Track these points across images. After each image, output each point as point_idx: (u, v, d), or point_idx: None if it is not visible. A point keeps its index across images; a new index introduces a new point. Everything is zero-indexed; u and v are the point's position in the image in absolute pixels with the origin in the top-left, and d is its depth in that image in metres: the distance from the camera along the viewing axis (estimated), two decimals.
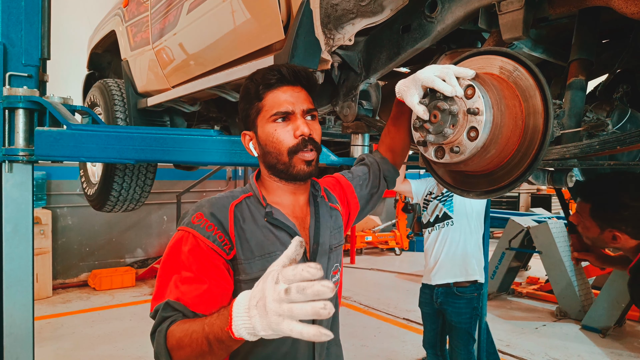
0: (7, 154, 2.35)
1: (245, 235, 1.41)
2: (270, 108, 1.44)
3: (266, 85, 1.44)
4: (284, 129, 1.44)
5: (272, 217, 1.46)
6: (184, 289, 1.29)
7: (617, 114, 1.84)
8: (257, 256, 1.41)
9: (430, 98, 1.35)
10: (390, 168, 1.88)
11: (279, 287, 0.96)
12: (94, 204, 4.19)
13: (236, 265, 1.40)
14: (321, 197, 1.64)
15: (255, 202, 1.49)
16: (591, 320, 6.09)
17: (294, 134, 1.44)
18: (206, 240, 1.35)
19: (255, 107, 1.47)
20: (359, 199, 1.83)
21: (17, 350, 2.39)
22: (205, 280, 1.31)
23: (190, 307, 1.27)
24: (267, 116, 1.44)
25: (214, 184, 9.80)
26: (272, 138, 1.45)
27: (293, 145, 1.44)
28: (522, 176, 1.34)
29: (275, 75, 1.44)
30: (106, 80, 4.02)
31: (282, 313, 0.95)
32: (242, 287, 1.38)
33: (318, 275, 0.94)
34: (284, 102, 1.44)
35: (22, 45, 2.48)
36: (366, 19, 1.86)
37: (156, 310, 1.29)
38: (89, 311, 6.83)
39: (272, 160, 1.47)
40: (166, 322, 1.24)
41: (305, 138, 1.44)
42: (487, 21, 1.54)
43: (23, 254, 2.40)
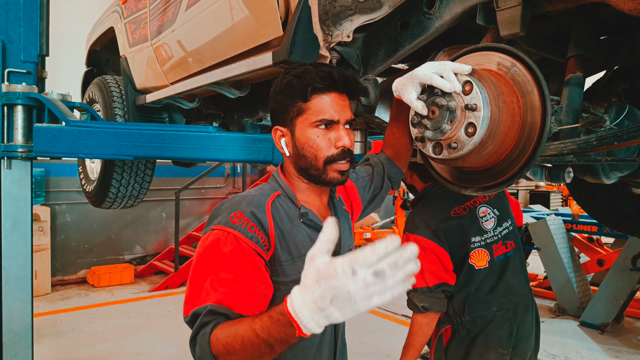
0: (6, 151, 2.35)
1: (284, 236, 1.39)
2: (316, 112, 1.41)
3: (315, 88, 1.40)
4: (325, 137, 1.42)
5: (308, 219, 1.45)
6: (225, 291, 1.24)
7: (615, 111, 1.84)
8: (296, 257, 1.39)
9: (428, 94, 1.36)
10: (395, 169, 1.88)
11: (361, 275, 0.94)
12: (92, 201, 4.19)
13: (274, 266, 1.37)
14: (336, 199, 1.65)
15: (286, 201, 1.47)
16: (589, 317, 6.10)
17: (335, 143, 1.42)
18: (249, 241, 1.31)
19: (298, 106, 1.42)
20: (362, 200, 1.83)
21: (16, 347, 2.39)
22: (249, 282, 1.27)
23: (235, 310, 1.23)
24: (311, 120, 1.41)
25: (212, 180, 9.79)
26: (312, 143, 1.42)
27: (331, 156, 1.42)
28: (520, 172, 1.34)
29: (326, 80, 1.40)
30: (105, 77, 4.02)
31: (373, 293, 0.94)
32: (280, 288, 1.36)
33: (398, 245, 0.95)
34: (330, 108, 1.41)
35: (20, 42, 2.48)
36: (364, 15, 1.86)
37: (195, 314, 1.24)
38: (87, 308, 6.83)
39: (305, 164, 1.45)
40: (208, 326, 1.19)
41: (345, 150, 1.43)
42: (485, 18, 1.54)
43: (22, 250, 2.41)
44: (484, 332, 2.32)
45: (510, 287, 2.37)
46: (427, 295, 2.32)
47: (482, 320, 2.33)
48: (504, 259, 2.39)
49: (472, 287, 2.35)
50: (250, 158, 2.38)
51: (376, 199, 1.89)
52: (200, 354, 1.19)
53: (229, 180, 10.09)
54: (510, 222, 2.46)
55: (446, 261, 2.34)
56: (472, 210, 2.41)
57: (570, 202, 14.62)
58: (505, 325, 2.32)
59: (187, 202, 9.41)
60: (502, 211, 2.46)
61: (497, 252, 2.38)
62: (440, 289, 2.33)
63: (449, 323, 2.41)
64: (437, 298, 2.32)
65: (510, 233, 2.43)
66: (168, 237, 9.24)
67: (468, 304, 2.35)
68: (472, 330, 2.34)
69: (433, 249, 2.32)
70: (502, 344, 2.31)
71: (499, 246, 2.40)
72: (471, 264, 2.34)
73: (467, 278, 2.35)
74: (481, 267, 2.35)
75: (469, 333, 2.34)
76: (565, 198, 14.92)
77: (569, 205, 14.37)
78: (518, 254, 2.44)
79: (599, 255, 6.95)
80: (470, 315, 2.35)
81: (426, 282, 2.32)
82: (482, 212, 2.42)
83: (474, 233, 2.37)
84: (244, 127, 3.73)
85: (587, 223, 6.67)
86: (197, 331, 1.21)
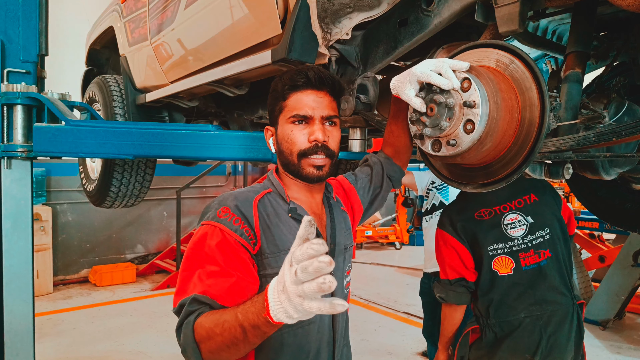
0: (6, 150, 2.35)
1: (270, 229, 1.43)
2: (291, 109, 1.47)
3: (291, 87, 1.47)
4: (300, 132, 1.47)
5: (296, 213, 1.48)
6: (210, 282, 1.28)
7: (614, 106, 1.84)
8: (282, 250, 1.42)
9: (427, 92, 1.36)
10: (395, 168, 1.89)
11: (292, 268, 0.98)
12: (93, 200, 4.19)
13: (261, 259, 1.40)
14: (332, 200, 1.67)
15: (276, 197, 1.51)
16: (591, 313, 6.10)
17: (308, 138, 1.47)
18: (233, 234, 1.34)
19: (279, 105, 1.50)
20: (362, 202, 1.84)
21: (18, 346, 2.39)
22: (233, 274, 1.30)
23: (218, 300, 1.26)
24: (288, 116, 1.48)
25: (213, 179, 9.80)
26: (287, 138, 1.48)
27: (303, 149, 1.47)
28: (519, 169, 1.34)
29: (302, 78, 1.46)
30: (104, 76, 4.02)
31: (300, 294, 0.97)
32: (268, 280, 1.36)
33: (322, 250, 0.95)
34: (304, 105, 1.47)
35: (19, 42, 2.48)
36: (363, 13, 1.87)
37: (181, 305, 1.28)
38: (89, 307, 6.85)
39: (284, 159, 1.52)
40: (193, 315, 1.23)
41: (318, 144, 1.46)
42: (483, 14, 1.54)
43: (23, 250, 2.41)
44: (510, 336, 2.30)
45: (544, 296, 2.32)
46: (446, 288, 2.41)
47: (509, 325, 2.31)
48: (537, 268, 2.33)
49: (496, 294, 2.33)
50: (250, 156, 2.38)
51: (377, 199, 1.90)
52: (183, 341, 1.22)
53: (230, 179, 10.10)
54: (549, 231, 2.37)
55: (466, 258, 2.37)
56: (498, 215, 2.38)
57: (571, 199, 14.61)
58: (534, 333, 2.28)
59: (189, 201, 9.42)
60: (539, 219, 2.39)
61: (526, 261, 2.33)
62: (460, 283, 2.39)
63: (477, 323, 2.42)
64: (454, 291, 2.39)
65: (545, 242, 2.35)
66: (169, 236, 9.25)
67: (493, 309, 2.34)
68: (499, 333, 2.33)
69: (454, 245, 2.37)
70: (529, 350, 2.28)
71: (528, 255, 2.34)
72: (494, 270, 2.33)
73: (491, 284, 2.34)
74: (504, 274, 2.32)
75: (495, 336, 2.33)
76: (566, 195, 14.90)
77: (570, 202, 14.36)
78: (557, 263, 2.35)
79: (601, 251, 6.95)
80: (496, 319, 2.34)
81: (447, 275, 2.41)
82: (510, 219, 2.37)
83: (496, 240, 2.34)
84: (245, 125, 3.73)
85: (588, 219, 6.68)
86: (182, 320, 1.25)
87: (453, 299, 2.40)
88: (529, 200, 2.40)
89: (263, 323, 1.08)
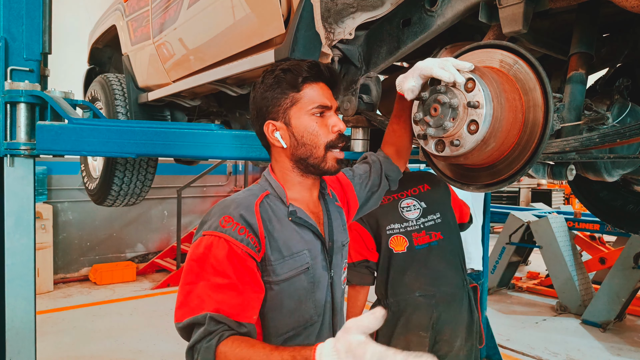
0: (9, 148, 2.36)
1: (273, 235, 1.40)
2: (310, 100, 1.44)
3: (306, 78, 1.44)
4: (322, 123, 1.46)
5: (297, 217, 1.46)
6: (220, 298, 1.25)
7: (617, 108, 1.84)
8: (286, 256, 1.40)
9: (431, 91, 1.36)
10: (393, 168, 1.88)
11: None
12: (95, 199, 4.19)
13: (265, 266, 1.38)
14: (327, 195, 1.65)
15: (275, 200, 1.47)
16: (591, 315, 6.10)
17: (331, 129, 1.46)
18: (240, 244, 1.31)
19: (291, 97, 1.44)
20: (359, 198, 1.83)
21: (19, 344, 2.40)
22: (241, 287, 1.29)
23: (233, 317, 1.25)
24: (307, 108, 1.44)
25: (214, 179, 9.80)
26: (312, 130, 1.44)
27: (331, 140, 1.45)
28: (522, 169, 1.34)
29: (315, 69, 1.45)
30: (107, 75, 4.02)
31: None
32: (272, 287, 1.38)
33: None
34: (322, 96, 1.46)
35: (23, 40, 2.48)
36: (366, 13, 1.87)
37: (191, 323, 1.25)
38: (89, 305, 6.85)
39: (304, 153, 1.46)
40: (214, 338, 1.20)
41: (341, 133, 1.47)
42: (487, 15, 1.54)
43: (25, 248, 2.41)
44: (405, 314, 2.51)
45: (437, 275, 2.54)
46: (350, 270, 2.55)
47: (404, 303, 2.52)
48: (428, 247, 2.58)
49: (393, 272, 2.56)
50: (252, 156, 2.38)
51: (373, 197, 1.89)
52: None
53: (230, 178, 10.10)
54: (439, 216, 2.64)
55: (368, 240, 2.60)
56: (396, 200, 2.63)
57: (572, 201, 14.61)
58: (427, 311, 2.49)
59: (189, 200, 9.42)
60: (431, 205, 2.66)
61: (418, 241, 2.58)
62: (362, 264, 2.61)
63: (379, 304, 2.61)
64: (358, 272, 2.60)
65: (437, 225, 2.62)
66: (170, 235, 9.25)
67: (389, 286, 2.56)
68: (396, 312, 2.53)
69: (358, 230, 2.60)
70: (422, 327, 2.49)
71: (420, 235, 2.61)
72: (390, 247, 2.57)
73: (388, 261, 2.57)
74: (399, 251, 2.56)
75: (394, 315, 2.53)
76: (567, 196, 14.90)
77: (570, 204, 14.36)
78: (449, 245, 2.62)
79: (601, 253, 6.95)
80: (393, 297, 2.55)
81: (351, 259, 2.59)
82: (406, 204, 2.64)
83: (393, 220, 2.59)
84: (246, 124, 3.73)
85: (589, 221, 6.67)
86: (199, 340, 1.22)
87: (356, 280, 2.60)
88: (422, 188, 2.67)
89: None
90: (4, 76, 2.42)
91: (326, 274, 1.51)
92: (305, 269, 1.44)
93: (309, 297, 1.45)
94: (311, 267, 1.45)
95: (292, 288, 1.41)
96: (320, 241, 1.51)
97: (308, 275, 1.45)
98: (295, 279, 1.41)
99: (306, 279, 1.44)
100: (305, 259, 1.44)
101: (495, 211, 7.97)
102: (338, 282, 1.58)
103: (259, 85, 1.49)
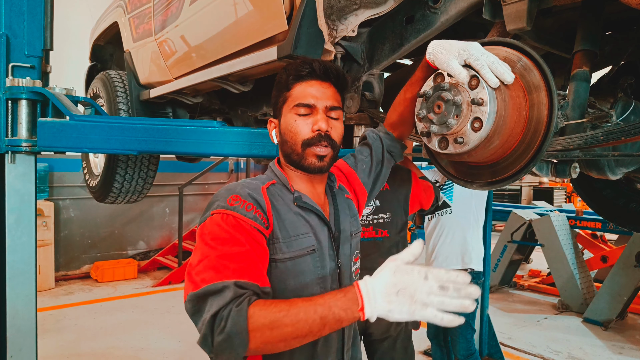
0: (10, 145, 2.35)
1: (281, 215, 1.42)
2: (295, 99, 1.47)
3: (296, 77, 1.47)
4: (304, 121, 1.46)
5: (302, 201, 1.48)
6: (238, 266, 1.24)
7: (621, 106, 1.84)
8: (293, 236, 1.42)
9: (435, 88, 1.35)
10: (395, 143, 1.84)
11: (430, 282, 1.13)
12: (96, 196, 4.19)
13: (272, 243, 1.39)
14: (336, 188, 1.66)
15: (280, 188, 1.50)
16: (593, 313, 6.10)
17: (312, 127, 1.46)
18: (248, 220, 1.32)
19: (283, 96, 1.50)
20: (365, 185, 1.81)
21: (20, 342, 2.39)
22: (256, 256, 1.30)
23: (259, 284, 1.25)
24: (291, 106, 1.47)
25: (216, 176, 9.80)
26: (291, 127, 1.47)
27: (307, 138, 1.46)
28: (526, 167, 1.34)
29: (306, 69, 1.47)
30: (109, 72, 4.02)
31: (430, 303, 1.12)
32: (277, 265, 1.39)
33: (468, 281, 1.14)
34: (308, 94, 1.46)
35: (24, 36, 2.47)
36: (369, 10, 1.86)
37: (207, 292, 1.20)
38: (91, 303, 6.86)
39: (287, 149, 1.50)
40: (243, 301, 1.18)
41: (321, 133, 1.45)
42: (491, 12, 1.53)
43: (26, 245, 2.40)
44: None
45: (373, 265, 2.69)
46: None
47: None
48: (372, 242, 2.76)
49: None
50: (254, 153, 2.37)
51: (380, 177, 1.87)
52: (231, 328, 1.15)
53: (232, 176, 10.10)
54: (390, 216, 2.80)
55: None
56: None
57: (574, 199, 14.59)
58: None
59: (191, 197, 9.43)
60: (385, 204, 2.81)
61: (365, 234, 2.76)
62: None
63: None
64: None
65: (385, 224, 2.80)
66: (171, 232, 9.26)
67: None
68: None
69: None
70: None
71: (368, 229, 2.80)
72: None
73: None
74: None
75: None
76: (568, 194, 14.90)
77: (572, 202, 14.35)
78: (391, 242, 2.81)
79: (603, 251, 6.95)
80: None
81: None
82: None
83: None
84: (249, 122, 3.73)
85: (590, 219, 6.67)
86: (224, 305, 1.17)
87: None
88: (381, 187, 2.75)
89: (350, 318, 1.17)
90: (6, 72, 2.41)
91: (333, 263, 1.52)
92: (310, 250, 1.45)
93: (315, 282, 1.45)
94: (317, 250, 1.46)
95: (298, 269, 1.42)
96: (327, 227, 1.52)
97: (314, 259, 1.45)
98: (300, 260, 1.42)
99: (312, 262, 1.45)
100: (311, 241, 1.45)
101: (497, 209, 7.97)
102: (346, 272, 1.57)
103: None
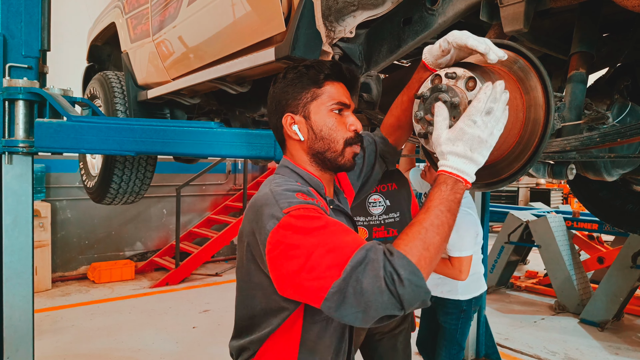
0: (7, 146, 2.35)
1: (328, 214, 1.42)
2: (330, 97, 1.48)
3: (328, 75, 1.49)
4: (340, 121, 1.49)
5: (336, 204, 1.54)
6: (353, 236, 1.24)
7: (617, 107, 1.84)
8: None
9: (432, 90, 1.36)
10: (389, 149, 1.83)
11: (479, 120, 1.21)
12: (93, 197, 4.18)
13: None
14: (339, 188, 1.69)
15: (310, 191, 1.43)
16: (589, 314, 6.11)
17: (349, 127, 1.49)
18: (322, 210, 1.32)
19: (312, 92, 1.49)
20: (354, 187, 1.81)
21: (17, 343, 2.39)
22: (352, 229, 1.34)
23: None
24: (327, 104, 1.48)
25: (213, 177, 9.80)
26: (331, 125, 1.48)
27: (349, 137, 1.49)
28: (523, 168, 1.34)
29: (337, 69, 1.50)
30: (106, 73, 4.01)
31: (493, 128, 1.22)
32: None
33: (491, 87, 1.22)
34: (342, 94, 1.50)
35: (22, 37, 2.47)
36: (367, 11, 1.86)
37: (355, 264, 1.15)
38: (88, 304, 6.84)
39: (322, 147, 1.49)
40: (390, 248, 1.18)
41: (358, 133, 1.51)
42: (488, 14, 1.54)
43: (23, 246, 2.40)
44: None
45: None
46: None
47: None
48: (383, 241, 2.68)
49: None
50: (252, 154, 2.37)
51: (369, 181, 1.86)
52: (406, 274, 1.12)
53: (229, 177, 10.10)
54: (399, 215, 2.85)
55: None
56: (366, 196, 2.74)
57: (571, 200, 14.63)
58: None
59: (188, 198, 9.42)
60: (394, 204, 2.86)
61: (377, 234, 2.82)
62: None
63: None
64: None
65: (396, 223, 2.84)
66: (169, 233, 9.25)
67: None
68: None
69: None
70: None
71: (380, 230, 2.85)
72: None
73: None
74: None
75: None
76: (565, 196, 14.93)
77: (569, 203, 14.39)
78: None
79: (599, 252, 6.96)
80: None
81: None
82: (373, 199, 2.86)
83: (359, 213, 2.83)
84: (246, 123, 3.73)
85: (587, 221, 6.69)
86: (382, 264, 1.15)
87: None
88: (390, 187, 2.84)
89: (462, 192, 1.25)
90: (3, 73, 2.41)
91: None
92: None
93: None
94: None
95: None
96: (354, 226, 1.60)
97: None
98: None
99: None
100: None
101: (494, 210, 7.98)
102: None
103: (280, 80, 1.53)
